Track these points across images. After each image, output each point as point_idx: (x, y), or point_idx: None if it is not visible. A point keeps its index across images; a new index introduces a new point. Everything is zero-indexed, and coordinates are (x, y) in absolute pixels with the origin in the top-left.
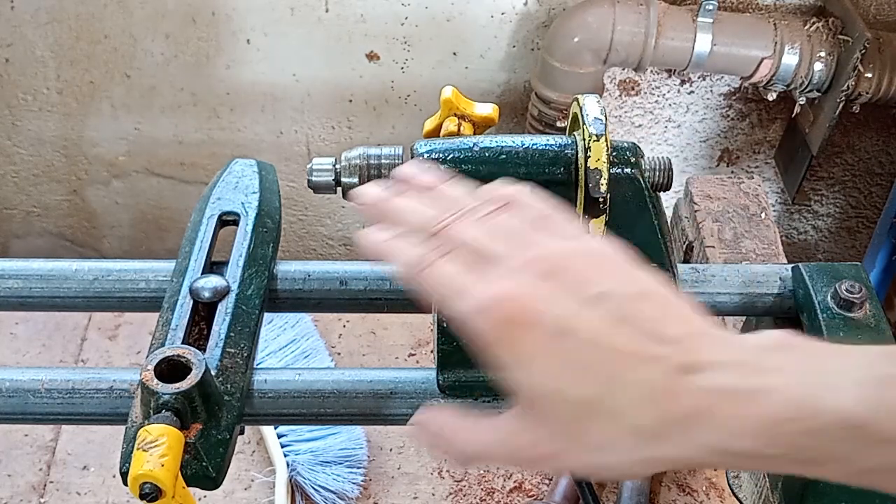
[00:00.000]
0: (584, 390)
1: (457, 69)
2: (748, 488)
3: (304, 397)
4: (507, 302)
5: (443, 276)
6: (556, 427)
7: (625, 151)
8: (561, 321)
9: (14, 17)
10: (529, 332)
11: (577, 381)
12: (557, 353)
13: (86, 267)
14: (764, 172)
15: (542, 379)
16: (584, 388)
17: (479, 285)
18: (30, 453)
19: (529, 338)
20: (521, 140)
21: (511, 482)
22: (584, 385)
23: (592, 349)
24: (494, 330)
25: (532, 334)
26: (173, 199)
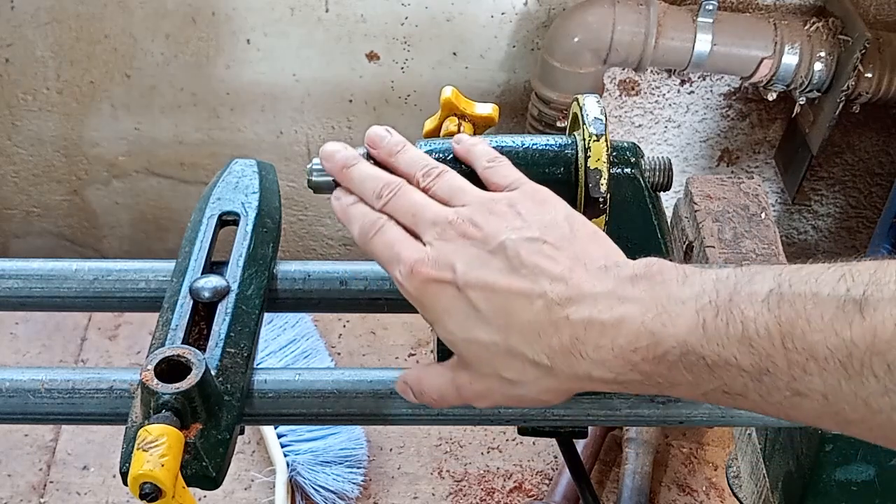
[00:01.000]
0: (489, 335)
1: (457, 69)
2: (748, 488)
3: (304, 397)
4: (423, 265)
5: (384, 243)
6: (477, 368)
7: (625, 151)
8: (466, 276)
9: (14, 17)
10: (442, 289)
11: (483, 328)
12: (465, 305)
13: (86, 267)
14: (764, 172)
15: (456, 329)
16: (490, 334)
17: (406, 251)
18: (30, 453)
19: (442, 294)
20: (521, 140)
21: (511, 482)
22: (489, 330)
23: (492, 296)
24: (417, 291)
25: (444, 291)
26: (173, 199)
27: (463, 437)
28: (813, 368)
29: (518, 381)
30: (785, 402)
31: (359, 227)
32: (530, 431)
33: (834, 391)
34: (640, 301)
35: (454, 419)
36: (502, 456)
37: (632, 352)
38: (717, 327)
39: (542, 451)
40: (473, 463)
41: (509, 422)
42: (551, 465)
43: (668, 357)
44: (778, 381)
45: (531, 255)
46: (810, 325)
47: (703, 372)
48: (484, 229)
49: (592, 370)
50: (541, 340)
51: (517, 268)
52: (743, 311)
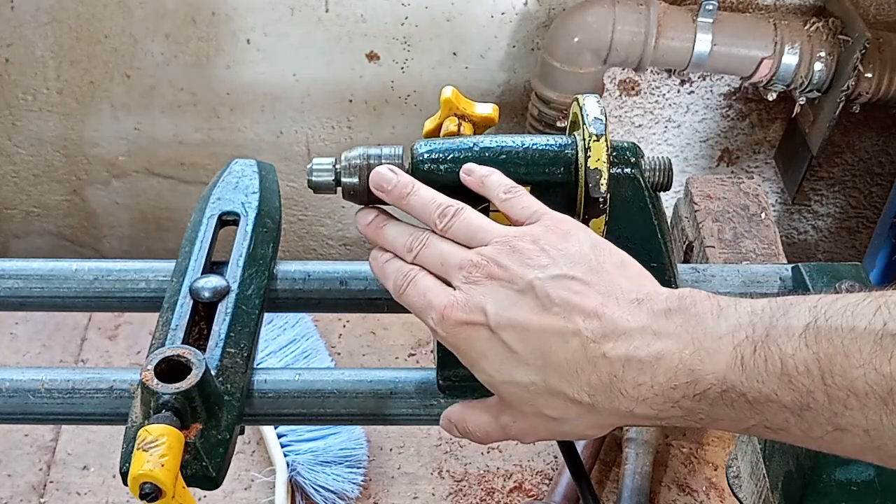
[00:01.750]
0: (527, 376)
1: (457, 69)
2: (748, 488)
3: (304, 397)
4: (453, 308)
5: (416, 293)
6: (520, 408)
7: (625, 151)
8: (498, 317)
9: (14, 17)
10: (475, 332)
11: (521, 369)
12: (500, 347)
13: (86, 267)
14: (764, 172)
15: (493, 371)
16: (528, 374)
17: (437, 298)
18: (30, 453)
19: (476, 337)
20: (521, 140)
21: (511, 482)
22: (527, 371)
23: (526, 336)
24: (451, 336)
25: (477, 334)
26: (173, 199)
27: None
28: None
29: (562, 418)
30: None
31: (392, 282)
32: None
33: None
34: (677, 336)
35: None
36: (502, 456)
37: (672, 389)
38: (755, 364)
39: (542, 451)
40: (473, 463)
41: None
42: (551, 465)
43: (708, 394)
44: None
45: (560, 292)
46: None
47: (745, 408)
48: (510, 269)
49: (634, 407)
50: (580, 378)
51: (548, 306)
52: (781, 346)
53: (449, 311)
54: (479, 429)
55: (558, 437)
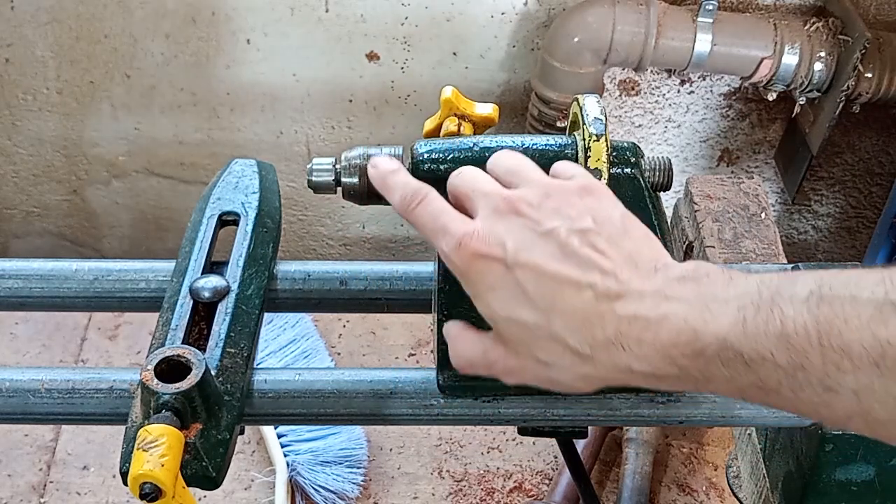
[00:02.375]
0: (531, 316)
1: (457, 69)
2: (748, 488)
3: (304, 397)
4: (472, 238)
5: (430, 213)
6: (513, 346)
7: (625, 151)
8: (517, 255)
9: (14, 17)
10: (489, 265)
11: (527, 309)
12: (511, 283)
13: (86, 267)
14: (764, 172)
15: (499, 306)
16: (532, 315)
17: (456, 223)
18: (30, 453)
19: (489, 271)
20: (521, 140)
21: (511, 482)
22: (532, 311)
23: (539, 278)
24: (465, 264)
25: (492, 267)
26: (173, 199)
27: (463, 437)
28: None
29: (554, 364)
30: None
31: (400, 195)
32: (530, 431)
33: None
34: (686, 300)
35: (454, 419)
36: (502, 456)
37: (672, 346)
38: (756, 325)
39: (542, 451)
40: (473, 463)
41: (509, 422)
42: (551, 465)
43: (706, 352)
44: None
45: (584, 246)
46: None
47: (740, 367)
48: (539, 211)
49: (633, 363)
50: (584, 330)
51: (569, 255)
52: (783, 310)
53: (468, 240)
54: (464, 356)
55: (543, 382)
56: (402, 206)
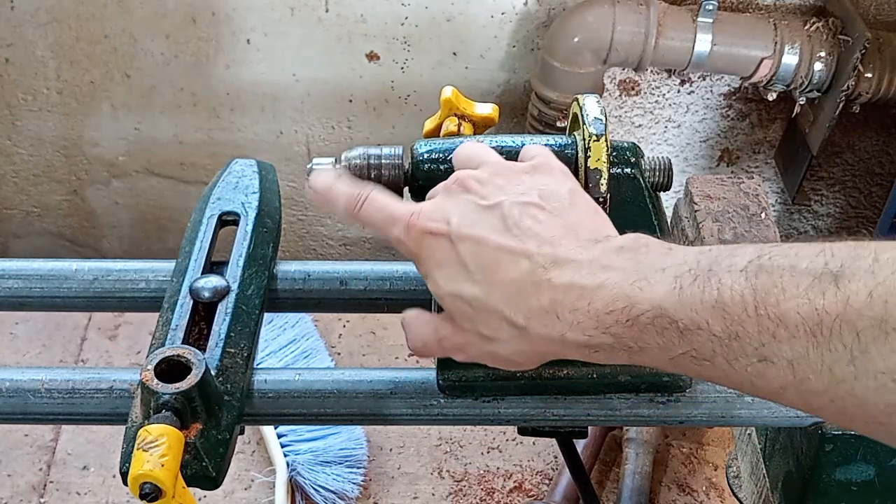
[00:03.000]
0: (472, 290)
1: (457, 69)
2: (748, 488)
3: (304, 397)
4: (419, 216)
5: (376, 207)
6: (459, 322)
7: (625, 151)
8: (460, 229)
9: (14, 17)
10: (436, 241)
11: (469, 283)
12: (455, 258)
13: (86, 267)
14: (764, 172)
15: (444, 282)
16: (473, 289)
17: (402, 209)
18: (30, 453)
19: (437, 246)
20: (521, 140)
21: (511, 482)
22: (473, 286)
23: (480, 251)
24: (414, 244)
25: (438, 243)
26: (173, 199)
27: (463, 437)
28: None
29: (494, 338)
30: (751, 369)
31: (343, 202)
32: (530, 431)
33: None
34: (623, 269)
35: (454, 419)
36: (502, 456)
37: (606, 314)
38: (692, 293)
39: (542, 451)
40: (473, 463)
41: (509, 422)
42: (551, 465)
43: (640, 320)
44: (746, 347)
45: (525, 218)
46: (785, 294)
47: (674, 336)
48: (486, 187)
49: (566, 332)
50: (520, 300)
51: (510, 227)
52: (720, 279)
53: (415, 218)
54: (419, 337)
55: (486, 358)
56: (348, 212)
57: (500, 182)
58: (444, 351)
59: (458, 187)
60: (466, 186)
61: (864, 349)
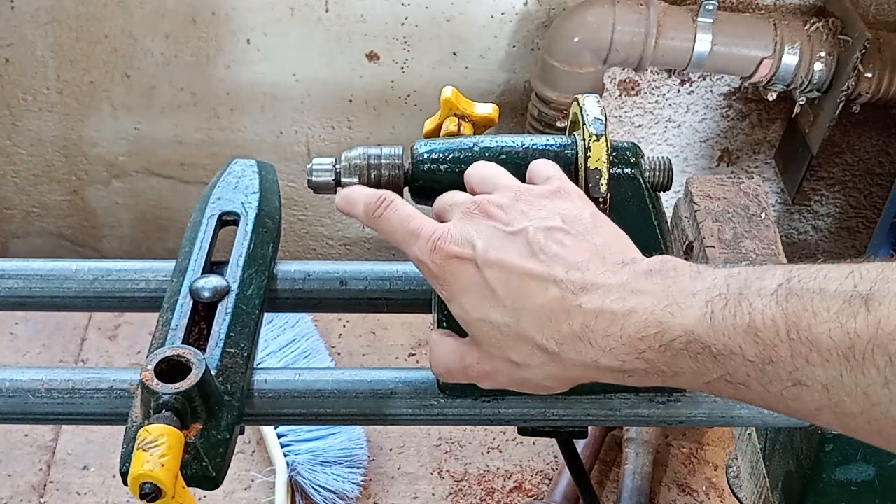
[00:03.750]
0: (502, 316)
1: (457, 69)
2: (748, 488)
3: (304, 397)
4: (445, 241)
5: (399, 217)
6: (486, 348)
7: (625, 151)
8: (486, 254)
9: (14, 17)
10: (462, 266)
11: (497, 309)
12: (482, 284)
13: (86, 267)
14: (764, 172)
15: (471, 308)
16: (502, 315)
17: (426, 226)
18: (30, 453)
19: (462, 272)
20: (521, 140)
21: (511, 482)
22: (502, 312)
23: (507, 277)
24: (438, 267)
25: (464, 268)
26: (173, 199)
27: (463, 437)
28: (815, 359)
29: (524, 364)
30: (786, 393)
31: (364, 203)
32: (530, 431)
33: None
34: (653, 294)
35: (454, 419)
36: (502, 456)
37: (639, 340)
38: (724, 318)
39: (542, 451)
40: (473, 463)
41: (509, 422)
42: (551, 465)
43: (673, 345)
44: (780, 371)
45: (551, 243)
46: (816, 318)
47: (708, 361)
48: (508, 213)
49: (599, 358)
50: (551, 326)
51: (536, 252)
52: (751, 303)
53: (442, 242)
54: (443, 363)
55: (516, 385)
56: (367, 214)
57: (522, 207)
58: (469, 378)
59: (480, 212)
60: (488, 212)
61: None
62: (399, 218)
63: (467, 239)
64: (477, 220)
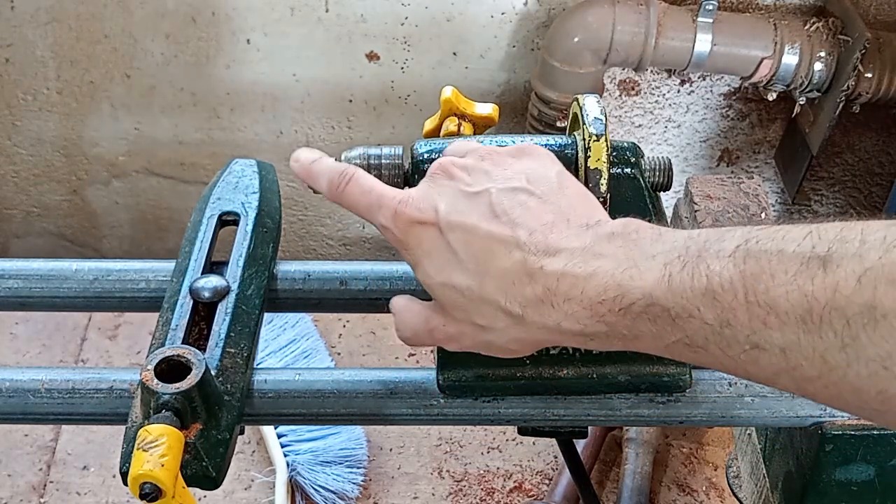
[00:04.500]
0: (465, 280)
1: (457, 69)
2: (748, 488)
3: (304, 397)
4: (406, 205)
5: (361, 189)
6: (451, 312)
7: (625, 151)
8: (448, 217)
9: (14, 17)
10: (425, 230)
11: (460, 272)
12: (445, 247)
13: (86, 267)
14: (764, 172)
15: (434, 272)
16: (466, 278)
17: (389, 194)
18: (30, 453)
19: (425, 235)
20: (521, 140)
21: (511, 482)
22: (465, 275)
23: (470, 240)
24: (402, 232)
25: (426, 232)
26: (173, 199)
27: (463, 437)
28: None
29: (489, 327)
30: (744, 357)
31: (327, 179)
32: (530, 431)
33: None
34: (614, 256)
35: (454, 419)
36: (502, 456)
37: (599, 303)
38: (682, 280)
39: (542, 451)
40: (473, 463)
41: (509, 422)
42: (551, 465)
43: (633, 308)
44: (738, 334)
45: (513, 205)
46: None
47: (667, 324)
48: (472, 174)
49: (562, 321)
50: (514, 289)
51: (499, 214)
52: (709, 265)
53: (403, 206)
54: (409, 326)
55: (481, 347)
56: (331, 189)
57: (485, 167)
58: (435, 341)
59: (443, 174)
60: (451, 174)
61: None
62: (362, 189)
63: (430, 202)
64: (440, 182)
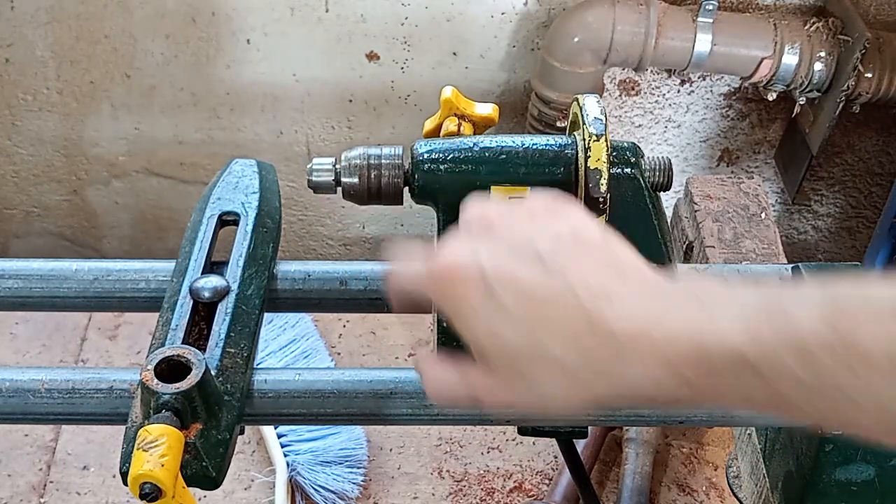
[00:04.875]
0: (519, 339)
1: (457, 69)
2: (748, 488)
3: (304, 397)
4: (449, 263)
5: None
6: (504, 374)
7: (625, 151)
8: (496, 276)
9: (14, 17)
10: (469, 288)
11: (508, 326)
12: (494, 306)
13: (86, 267)
14: (764, 172)
15: (484, 331)
16: (515, 332)
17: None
18: (30, 453)
19: (469, 293)
20: (521, 140)
21: (511, 482)
22: (514, 329)
23: (518, 293)
24: (441, 290)
25: (471, 290)
26: (173, 199)
27: (463, 437)
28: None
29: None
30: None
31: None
32: (530, 431)
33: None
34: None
35: (454, 419)
36: (502, 456)
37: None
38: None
39: (542, 451)
40: (473, 463)
41: (509, 422)
42: (551, 465)
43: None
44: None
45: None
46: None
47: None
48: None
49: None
50: (575, 349)
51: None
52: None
53: (445, 264)
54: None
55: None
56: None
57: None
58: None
59: (482, 229)
60: (491, 228)
61: None
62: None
63: (470, 255)
64: (480, 237)
